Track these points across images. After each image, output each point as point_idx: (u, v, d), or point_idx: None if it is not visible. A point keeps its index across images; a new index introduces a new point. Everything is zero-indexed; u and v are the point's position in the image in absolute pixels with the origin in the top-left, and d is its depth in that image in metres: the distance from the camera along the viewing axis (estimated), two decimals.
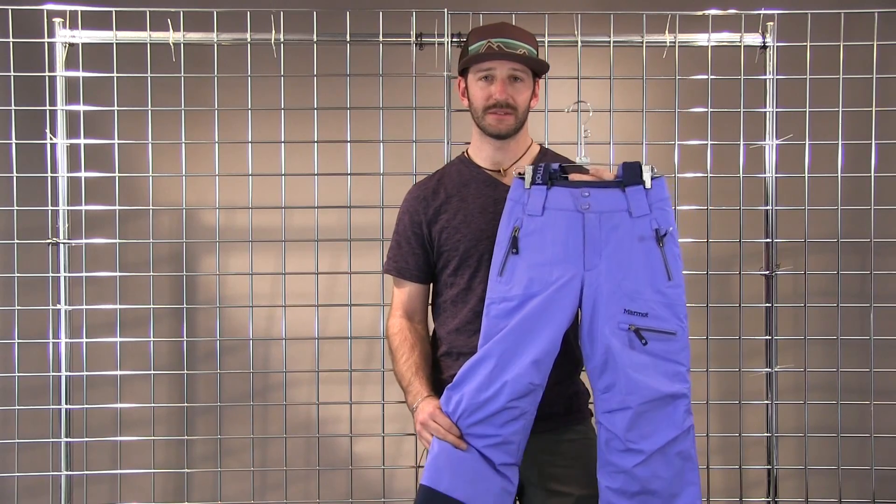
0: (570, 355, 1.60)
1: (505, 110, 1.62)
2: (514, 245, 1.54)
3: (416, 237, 1.71)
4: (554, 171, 1.56)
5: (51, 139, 2.27)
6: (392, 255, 1.75)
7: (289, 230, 2.33)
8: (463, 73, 1.70)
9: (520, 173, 1.58)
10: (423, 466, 1.56)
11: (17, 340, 2.30)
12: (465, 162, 1.74)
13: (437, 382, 1.68)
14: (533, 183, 1.56)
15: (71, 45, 2.26)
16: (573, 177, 1.58)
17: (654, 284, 1.52)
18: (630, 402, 1.49)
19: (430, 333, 1.78)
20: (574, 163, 1.65)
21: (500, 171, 1.69)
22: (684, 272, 1.58)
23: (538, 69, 1.66)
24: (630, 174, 1.55)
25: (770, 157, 2.29)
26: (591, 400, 1.65)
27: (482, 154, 1.72)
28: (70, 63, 2.28)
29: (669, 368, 1.52)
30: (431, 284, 1.77)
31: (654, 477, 1.49)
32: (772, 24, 2.26)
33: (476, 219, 1.65)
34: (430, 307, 1.79)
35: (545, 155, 1.73)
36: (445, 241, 1.67)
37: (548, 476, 1.62)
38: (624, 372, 1.49)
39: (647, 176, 1.55)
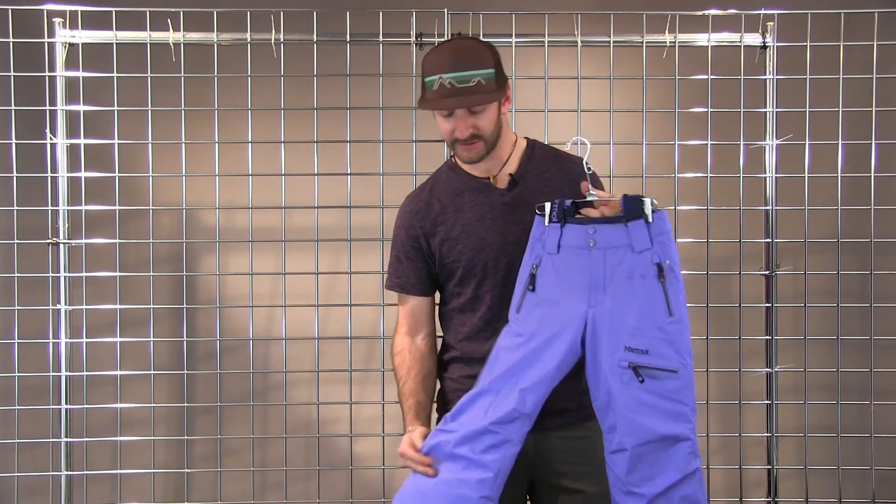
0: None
1: (471, 142, 1.59)
2: (531, 282, 1.55)
3: (416, 251, 1.70)
4: (567, 207, 1.56)
5: (51, 139, 2.27)
6: (393, 270, 1.73)
7: (289, 230, 2.33)
8: None
9: (539, 209, 1.57)
10: None
11: (17, 340, 2.30)
12: (454, 168, 1.71)
13: (444, 382, 1.71)
14: (550, 221, 1.56)
15: (71, 45, 2.26)
16: (585, 212, 1.57)
17: (655, 321, 1.49)
18: (626, 443, 1.46)
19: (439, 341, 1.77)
20: (573, 167, 1.65)
21: (489, 178, 1.67)
22: (685, 272, 1.57)
23: (493, 100, 1.57)
24: (631, 209, 1.52)
25: (770, 157, 2.28)
26: None
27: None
28: (70, 63, 2.28)
29: (670, 408, 1.46)
30: (437, 294, 1.76)
31: None
32: (772, 24, 2.26)
33: (475, 228, 1.64)
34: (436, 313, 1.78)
35: (533, 148, 1.70)
36: (447, 254, 1.66)
37: (559, 473, 1.62)
38: (622, 412, 1.47)
39: (648, 210, 1.52)
